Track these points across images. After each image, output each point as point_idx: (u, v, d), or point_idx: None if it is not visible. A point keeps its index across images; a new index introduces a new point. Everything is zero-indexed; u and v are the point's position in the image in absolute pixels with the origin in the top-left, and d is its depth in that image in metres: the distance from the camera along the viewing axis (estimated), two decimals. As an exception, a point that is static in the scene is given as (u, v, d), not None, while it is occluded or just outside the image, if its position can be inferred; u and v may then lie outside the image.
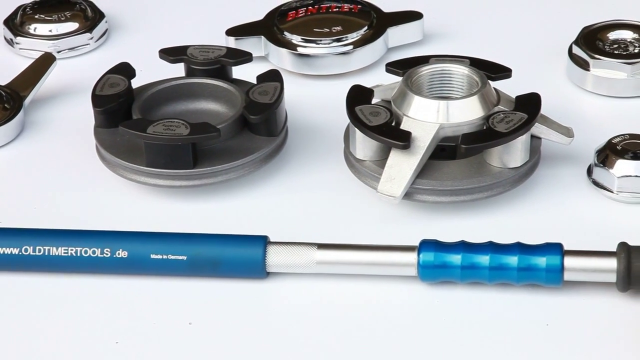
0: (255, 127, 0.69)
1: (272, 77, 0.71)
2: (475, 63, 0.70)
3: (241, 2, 0.88)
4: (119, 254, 0.63)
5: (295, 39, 0.79)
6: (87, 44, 0.83)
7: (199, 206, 0.69)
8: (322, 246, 0.63)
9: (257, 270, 0.63)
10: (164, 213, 0.68)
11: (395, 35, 0.81)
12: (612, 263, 0.61)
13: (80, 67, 0.82)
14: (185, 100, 0.73)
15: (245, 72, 0.74)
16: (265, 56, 0.80)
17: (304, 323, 0.61)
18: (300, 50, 0.79)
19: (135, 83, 0.72)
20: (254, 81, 0.72)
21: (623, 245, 0.61)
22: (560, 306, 0.61)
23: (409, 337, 0.60)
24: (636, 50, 0.77)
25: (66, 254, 0.63)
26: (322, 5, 0.82)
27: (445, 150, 0.67)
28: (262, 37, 0.80)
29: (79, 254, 0.63)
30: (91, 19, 0.83)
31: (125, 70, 0.72)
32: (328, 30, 0.80)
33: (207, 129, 0.67)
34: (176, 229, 0.65)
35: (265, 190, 0.70)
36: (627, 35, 0.78)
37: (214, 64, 0.73)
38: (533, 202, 0.68)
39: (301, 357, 0.59)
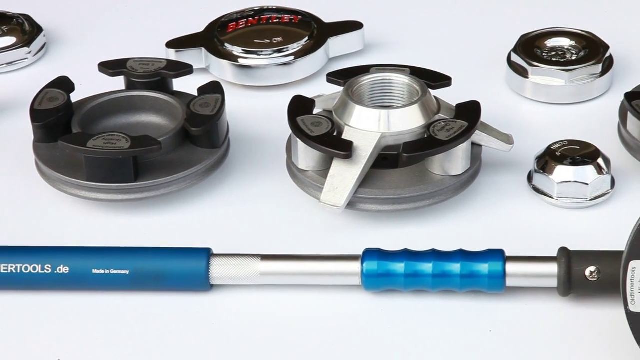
0: (197, 140, 0.69)
1: (213, 88, 0.71)
2: (416, 72, 0.71)
3: (181, 14, 0.88)
4: (60, 269, 0.62)
5: (236, 50, 0.79)
6: (25, 59, 0.82)
7: (141, 220, 0.68)
8: (265, 257, 0.63)
9: (200, 282, 0.63)
10: (106, 227, 0.68)
11: (336, 45, 0.81)
12: (553, 268, 0.61)
13: (18, 81, 0.81)
14: (125, 113, 0.72)
15: (186, 85, 0.74)
16: (206, 68, 0.80)
17: (249, 335, 0.61)
18: (241, 61, 0.79)
19: (75, 97, 0.72)
20: (195, 93, 0.71)
21: (563, 251, 0.62)
22: (503, 312, 0.62)
23: (354, 347, 0.60)
24: (573, 58, 0.78)
25: (6, 271, 0.62)
26: (262, 17, 0.82)
27: (387, 159, 0.68)
28: (203, 49, 0.80)
29: (19, 271, 0.62)
30: (29, 33, 0.83)
31: (64, 84, 0.71)
32: (269, 41, 0.79)
33: (148, 142, 0.66)
34: (118, 243, 0.65)
35: (208, 203, 0.70)
36: (565, 42, 0.79)
37: (154, 77, 0.72)
38: (475, 209, 0.68)
39: (246, 369, 0.59)
